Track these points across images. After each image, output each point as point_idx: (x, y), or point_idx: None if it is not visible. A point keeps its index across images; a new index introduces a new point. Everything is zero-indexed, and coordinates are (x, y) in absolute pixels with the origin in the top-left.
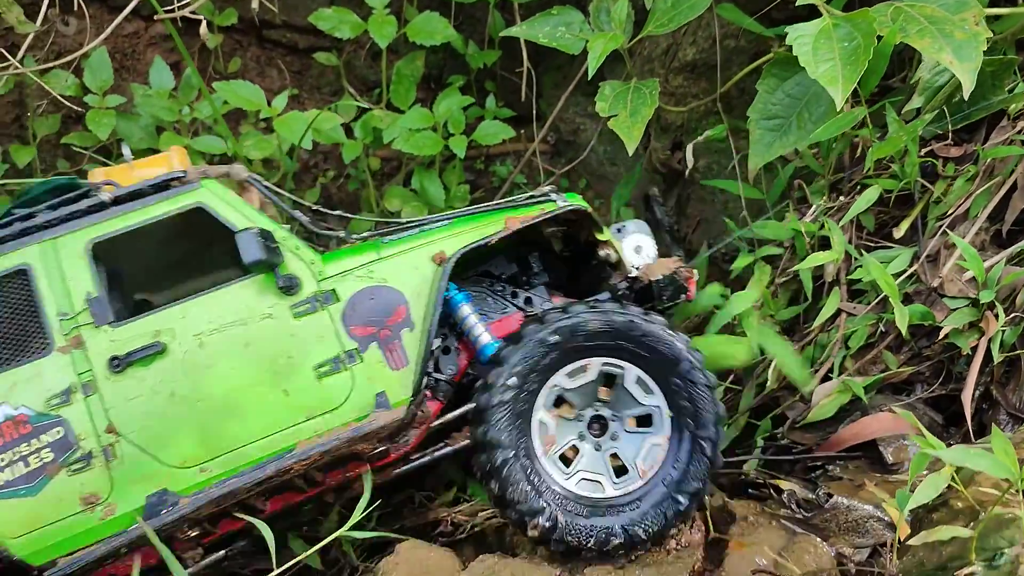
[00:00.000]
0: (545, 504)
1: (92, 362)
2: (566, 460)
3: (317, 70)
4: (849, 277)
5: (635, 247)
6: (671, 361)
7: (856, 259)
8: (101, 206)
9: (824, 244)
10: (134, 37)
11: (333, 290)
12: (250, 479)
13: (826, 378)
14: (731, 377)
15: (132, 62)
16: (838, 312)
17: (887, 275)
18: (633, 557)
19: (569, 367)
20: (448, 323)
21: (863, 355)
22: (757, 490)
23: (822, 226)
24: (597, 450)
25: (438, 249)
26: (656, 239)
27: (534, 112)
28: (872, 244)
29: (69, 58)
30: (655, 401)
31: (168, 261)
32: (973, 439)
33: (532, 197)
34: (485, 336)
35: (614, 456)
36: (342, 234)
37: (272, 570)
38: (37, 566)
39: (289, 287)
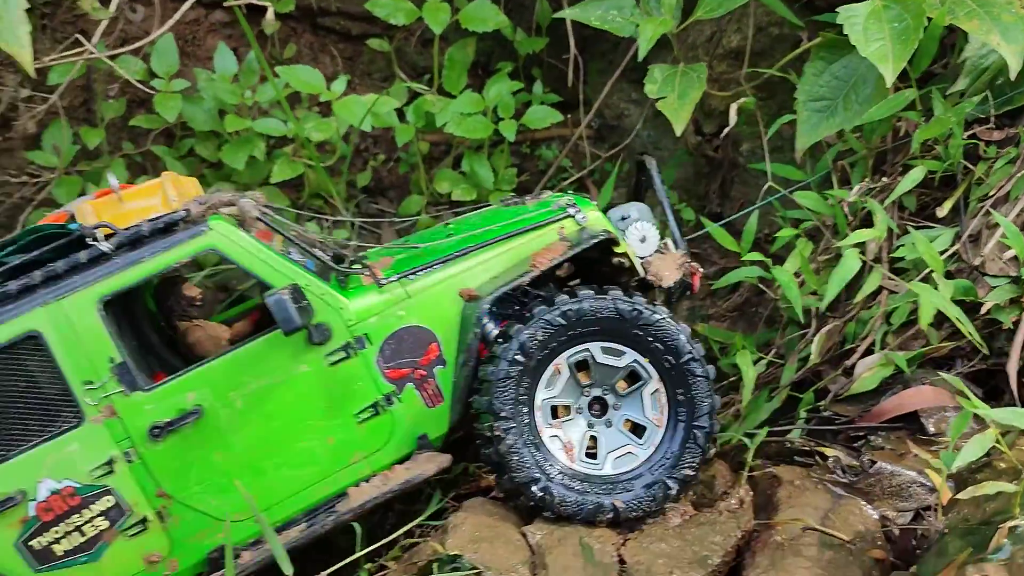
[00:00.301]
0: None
1: (129, 431)
2: (592, 455)
3: (368, 56)
4: (891, 255)
5: (640, 237)
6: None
7: (898, 237)
8: (103, 257)
9: (865, 225)
10: (195, 24)
11: (365, 334)
12: (309, 535)
13: (867, 353)
14: (773, 351)
15: (192, 48)
16: (879, 290)
17: (932, 250)
18: (686, 516)
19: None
20: None
21: (904, 331)
22: (802, 458)
23: (863, 207)
24: (610, 427)
25: (464, 284)
26: (652, 207)
27: (580, 98)
28: (913, 224)
29: (139, 44)
30: (629, 357)
31: None
32: None
33: (548, 211)
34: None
35: (628, 422)
36: (356, 267)
37: None
38: None
39: (321, 339)
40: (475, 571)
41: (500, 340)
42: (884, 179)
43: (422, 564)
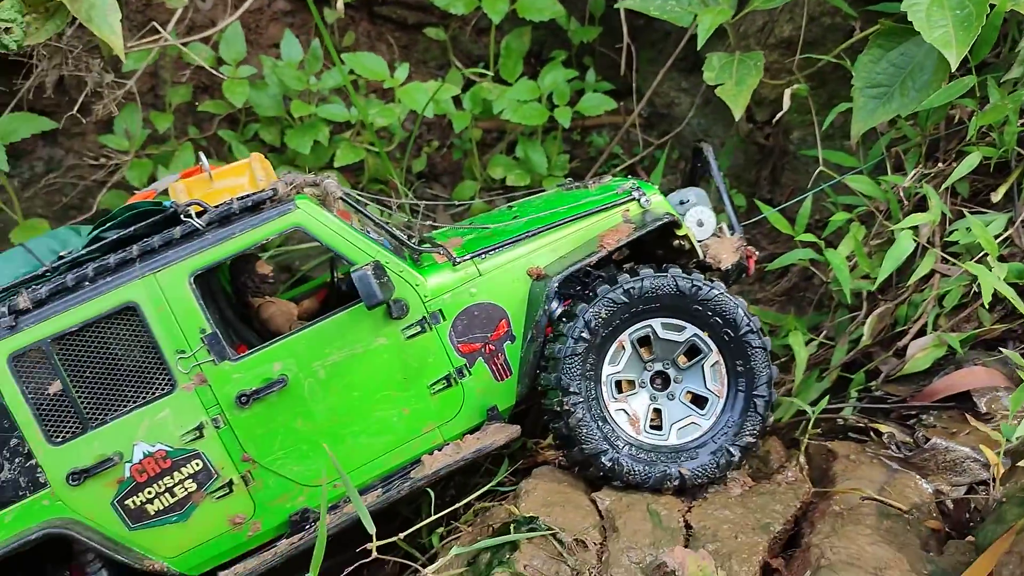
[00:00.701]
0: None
1: (218, 399)
2: (657, 427)
3: (423, 45)
4: (945, 239)
5: (698, 221)
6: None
7: (950, 222)
8: (196, 233)
9: (918, 210)
10: (258, 13)
11: (440, 310)
12: (385, 500)
13: (919, 335)
14: (823, 333)
15: (255, 36)
16: (930, 274)
17: (988, 233)
18: (746, 487)
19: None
20: None
21: (956, 314)
22: (856, 435)
23: (917, 192)
24: (672, 399)
25: (533, 263)
26: (709, 191)
27: (633, 86)
28: (967, 209)
29: (210, 32)
30: (689, 332)
31: None
32: None
33: (612, 194)
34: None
35: (690, 394)
36: (426, 247)
37: None
38: None
39: (399, 314)
40: (550, 531)
41: (565, 319)
42: (939, 165)
43: (497, 526)
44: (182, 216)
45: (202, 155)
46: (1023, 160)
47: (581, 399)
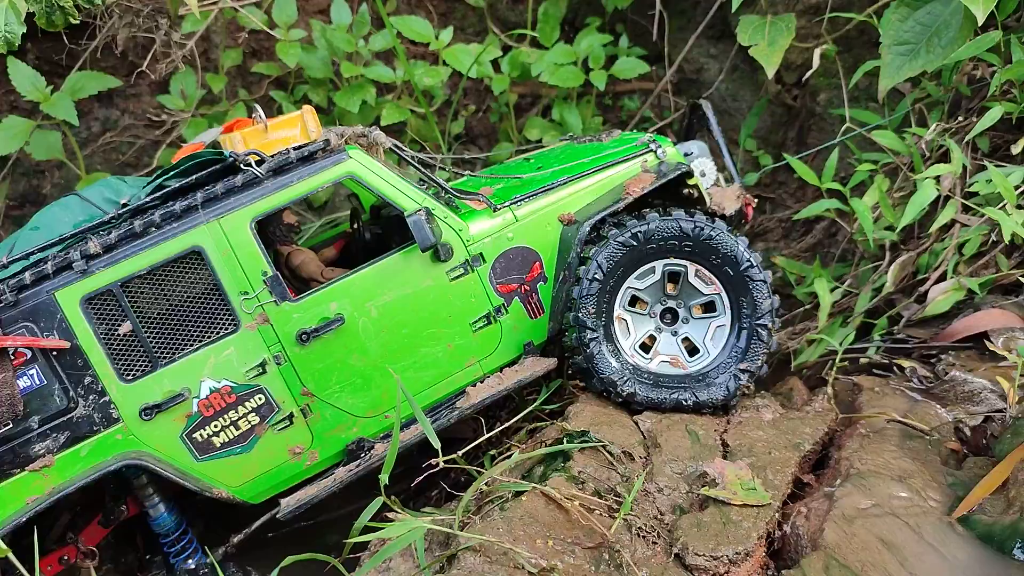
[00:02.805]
0: (626, 376)
1: (280, 337)
2: (646, 348)
3: (461, 12)
4: (967, 190)
5: (700, 172)
6: (732, 260)
7: (971, 175)
8: (256, 181)
9: (940, 163)
10: None
11: (480, 253)
12: (435, 428)
13: (939, 281)
14: (848, 280)
15: (303, 3)
16: (951, 224)
17: (1007, 183)
18: (777, 414)
19: (641, 268)
20: None
21: (975, 262)
22: (880, 372)
23: (940, 146)
24: (673, 336)
25: (564, 210)
26: (709, 144)
27: (665, 52)
28: (987, 163)
29: None
30: (715, 290)
31: None
32: None
33: (631, 146)
34: None
35: (686, 340)
36: (464, 196)
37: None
38: (257, 504)
39: (445, 255)
40: (601, 443)
41: (580, 263)
42: (960, 118)
43: (549, 441)
44: (242, 165)
45: (257, 107)
46: None
47: (597, 334)
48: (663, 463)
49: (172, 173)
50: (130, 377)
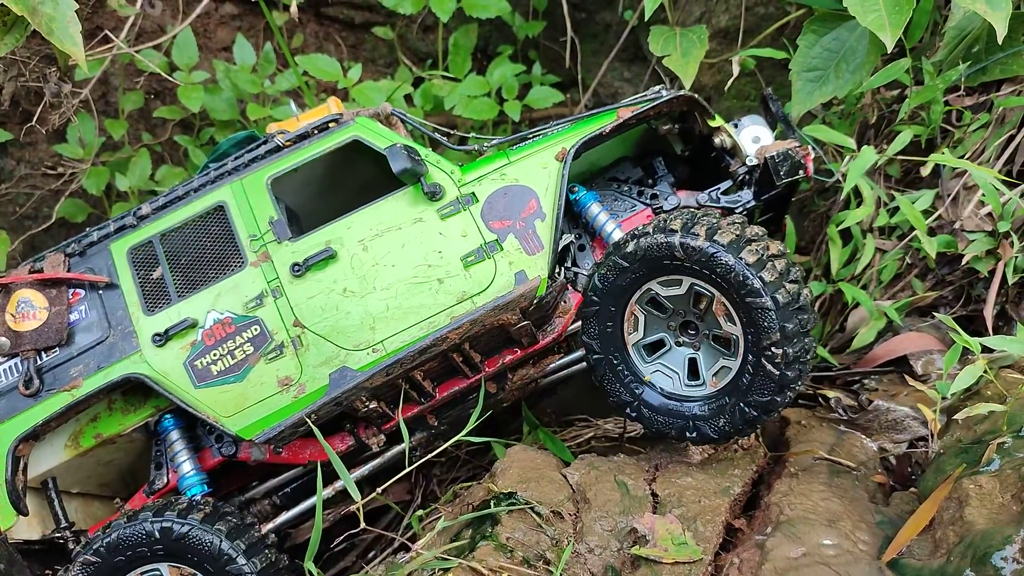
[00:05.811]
0: (632, 399)
1: (278, 271)
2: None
3: (371, 44)
4: (877, 225)
5: (753, 137)
6: (749, 291)
7: (884, 204)
8: (277, 148)
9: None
10: (206, 17)
11: (472, 193)
12: (413, 348)
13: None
14: None
15: (205, 40)
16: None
17: (915, 211)
18: (706, 455)
19: (667, 277)
20: (581, 222)
21: (893, 286)
22: (805, 401)
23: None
24: (679, 346)
25: (560, 148)
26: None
27: (579, 78)
28: (897, 190)
29: (162, 39)
30: (735, 331)
31: (332, 205)
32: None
33: (642, 96)
34: (616, 232)
35: (691, 362)
36: (477, 147)
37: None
38: (247, 438)
39: (434, 194)
40: (528, 505)
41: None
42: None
43: (476, 504)
44: (269, 139)
45: (292, 101)
46: (948, 136)
47: (601, 356)
48: (593, 520)
49: (220, 153)
50: (152, 310)
